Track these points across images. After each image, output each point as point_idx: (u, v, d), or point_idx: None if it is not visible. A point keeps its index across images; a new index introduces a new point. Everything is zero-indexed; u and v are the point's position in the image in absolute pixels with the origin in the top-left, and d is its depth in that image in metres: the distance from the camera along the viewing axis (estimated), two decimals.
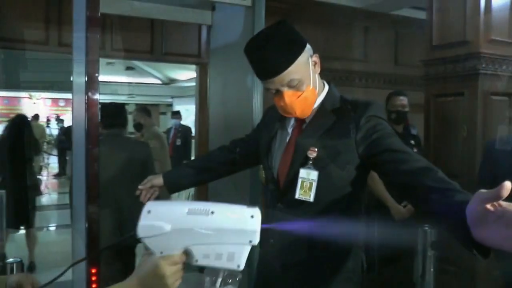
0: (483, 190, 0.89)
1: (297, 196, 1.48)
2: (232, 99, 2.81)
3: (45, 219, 7.25)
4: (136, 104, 19.52)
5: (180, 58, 4.80)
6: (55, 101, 16.95)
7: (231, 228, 0.93)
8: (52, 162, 11.98)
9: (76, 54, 2.22)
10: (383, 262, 3.45)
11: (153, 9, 3.04)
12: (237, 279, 1.00)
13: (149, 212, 0.93)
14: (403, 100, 3.51)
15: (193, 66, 9.54)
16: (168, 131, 8.17)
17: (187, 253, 0.96)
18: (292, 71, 1.45)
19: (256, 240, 0.96)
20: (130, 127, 4.86)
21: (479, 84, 3.76)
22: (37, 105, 15.79)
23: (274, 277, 1.59)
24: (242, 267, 0.96)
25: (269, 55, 1.44)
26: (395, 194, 3.30)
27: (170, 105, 15.70)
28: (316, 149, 1.46)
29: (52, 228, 7.19)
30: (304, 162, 1.48)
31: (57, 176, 12.57)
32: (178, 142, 7.39)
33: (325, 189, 1.48)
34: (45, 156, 10.61)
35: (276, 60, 1.44)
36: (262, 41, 1.46)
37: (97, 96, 2.07)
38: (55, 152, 12.66)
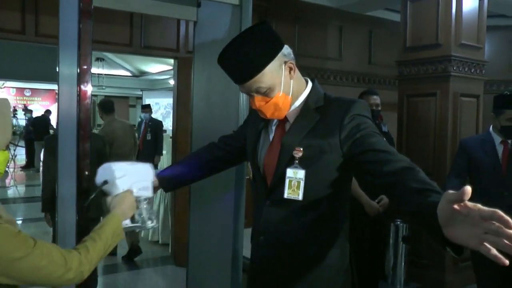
0: (450, 191, 0.96)
1: (285, 195, 1.49)
2: (217, 95, 2.85)
3: (11, 213, 7.08)
4: (105, 96, 19.23)
5: (159, 52, 4.81)
6: (20, 90, 16.50)
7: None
8: (19, 154, 11.68)
9: (63, 45, 2.20)
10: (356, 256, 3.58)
11: (137, 3, 3.03)
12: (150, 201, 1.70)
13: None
14: (376, 99, 3.62)
15: (165, 60, 9.47)
16: (138, 125, 8.11)
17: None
18: (258, 79, 1.45)
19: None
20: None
21: (450, 85, 3.94)
22: (1, 94, 15.34)
23: (265, 272, 1.62)
24: (152, 194, 1.71)
25: (236, 62, 1.46)
26: (368, 191, 3.40)
27: (140, 97, 15.52)
28: (301, 149, 1.47)
29: (19, 222, 7.03)
30: (290, 161, 1.49)
31: (24, 168, 12.26)
32: (148, 136, 7.31)
33: (312, 187, 1.49)
34: (12, 147, 10.33)
35: (243, 68, 1.45)
36: (233, 47, 1.46)
37: (90, 89, 2.07)
38: (22, 143, 12.33)
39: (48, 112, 12.77)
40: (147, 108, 7.94)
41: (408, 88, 4.30)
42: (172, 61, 5.12)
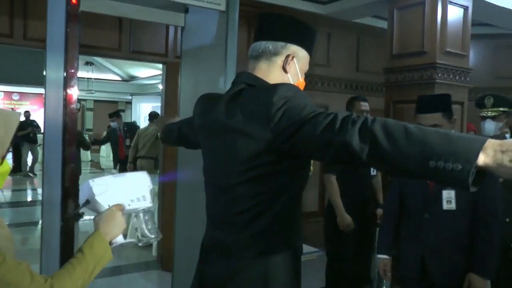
0: None
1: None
2: None
3: None
4: (95, 101, 19.13)
5: (148, 57, 4.82)
6: (8, 94, 16.36)
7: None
8: (7, 158, 11.56)
9: (50, 48, 2.21)
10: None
11: (126, 9, 3.05)
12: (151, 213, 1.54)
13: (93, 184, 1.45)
14: (366, 105, 3.65)
15: (154, 64, 9.48)
16: (111, 134, 7.84)
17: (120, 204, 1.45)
18: None
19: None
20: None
21: (435, 92, 3.99)
22: None
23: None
24: (151, 204, 1.51)
25: None
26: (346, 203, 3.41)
27: (129, 102, 15.48)
28: None
29: None
30: None
31: (11, 173, 12.05)
32: (128, 142, 7.18)
33: None
34: None
35: None
36: None
37: (76, 93, 2.08)
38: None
39: (27, 112, 12.63)
40: (114, 115, 7.70)
41: (394, 94, 4.35)
42: (161, 65, 5.13)
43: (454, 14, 4.12)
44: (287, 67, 1.46)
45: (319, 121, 1.16)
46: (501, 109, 3.18)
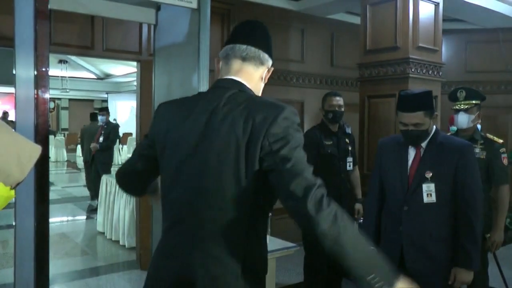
0: None
1: None
2: (178, 97, 2.87)
3: None
4: (70, 99, 18.80)
5: (121, 55, 4.76)
6: None
7: None
8: None
9: (19, 47, 2.16)
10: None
11: (96, 6, 3.01)
12: None
13: None
14: (339, 100, 3.70)
15: (129, 62, 9.37)
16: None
17: None
18: None
19: None
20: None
21: (409, 86, 4.06)
22: None
23: None
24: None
25: None
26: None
27: (105, 100, 15.27)
28: None
29: None
30: None
31: None
32: (101, 139, 7.24)
33: None
34: None
35: None
36: None
37: (47, 93, 2.05)
38: None
39: (5, 114, 12.37)
40: (104, 110, 7.76)
41: (368, 89, 4.41)
42: (135, 63, 5.08)
43: (426, 10, 4.19)
44: (265, 78, 1.55)
45: (301, 178, 1.28)
46: (473, 101, 3.25)
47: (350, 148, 3.80)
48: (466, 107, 3.24)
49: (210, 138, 1.37)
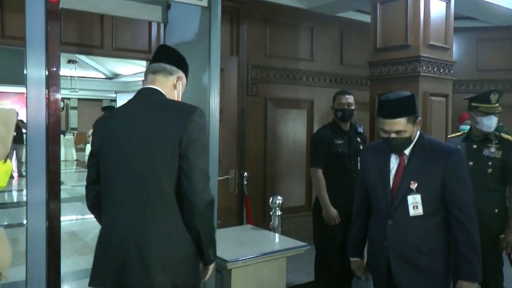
0: None
1: None
2: (188, 96, 2.85)
3: None
4: (79, 99, 18.90)
5: (130, 54, 4.76)
6: None
7: None
8: None
9: (30, 47, 2.16)
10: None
11: (106, 5, 3.01)
12: None
13: None
14: (349, 98, 3.68)
15: (137, 61, 9.41)
16: None
17: None
18: None
19: None
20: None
21: (420, 85, 4.02)
22: None
23: None
24: None
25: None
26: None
27: (114, 100, 15.32)
28: None
29: None
30: None
31: None
32: None
33: None
34: None
35: None
36: None
37: (58, 92, 2.05)
38: None
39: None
40: (109, 109, 7.80)
41: (379, 88, 4.37)
42: (144, 62, 5.08)
43: (437, 7, 4.15)
44: (176, 85, 1.96)
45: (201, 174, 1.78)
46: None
47: (361, 147, 3.77)
48: (499, 110, 3.16)
49: (141, 137, 1.76)
